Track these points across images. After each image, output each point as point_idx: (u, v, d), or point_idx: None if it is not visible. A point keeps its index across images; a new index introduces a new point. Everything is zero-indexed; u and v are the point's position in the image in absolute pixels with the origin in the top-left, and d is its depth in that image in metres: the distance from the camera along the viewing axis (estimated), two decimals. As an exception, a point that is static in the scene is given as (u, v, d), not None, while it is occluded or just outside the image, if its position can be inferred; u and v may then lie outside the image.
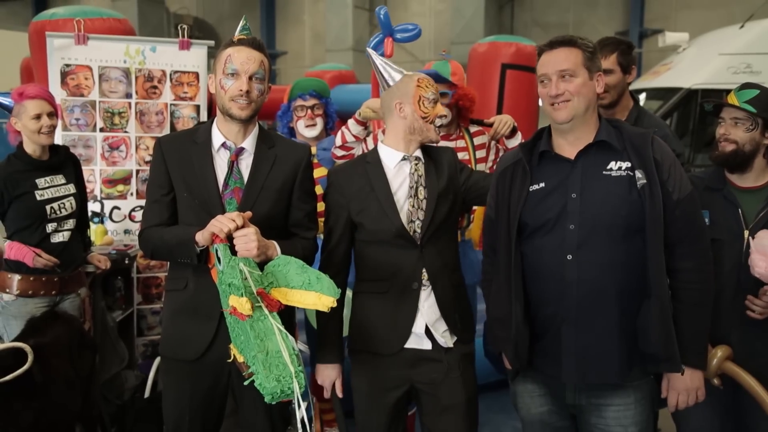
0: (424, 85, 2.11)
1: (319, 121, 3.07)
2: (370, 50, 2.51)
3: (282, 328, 1.71)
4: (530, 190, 1.87)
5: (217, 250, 1.81)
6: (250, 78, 1.95)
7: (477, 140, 2.90)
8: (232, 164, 2.02)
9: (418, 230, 2.04)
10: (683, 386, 1.85)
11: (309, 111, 3.06)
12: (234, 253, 1.81)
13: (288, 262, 1.80)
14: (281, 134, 3.15)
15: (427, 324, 2.05)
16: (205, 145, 2.03)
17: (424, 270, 2.05)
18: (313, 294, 1.72)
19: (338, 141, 2.92)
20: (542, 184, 1.87)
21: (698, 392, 1.87)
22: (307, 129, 3.07)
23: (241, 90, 1.94)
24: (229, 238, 1.82)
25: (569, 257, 1.79)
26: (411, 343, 2.06)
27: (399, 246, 2.04)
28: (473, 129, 2.92)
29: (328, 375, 2.13)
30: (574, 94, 1.80)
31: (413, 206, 2.05)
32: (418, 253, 2.05)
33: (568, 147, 1.87)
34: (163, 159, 2.03)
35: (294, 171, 2.08)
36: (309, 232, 2.12)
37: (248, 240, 1.80)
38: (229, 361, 1.79)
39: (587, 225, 1.79)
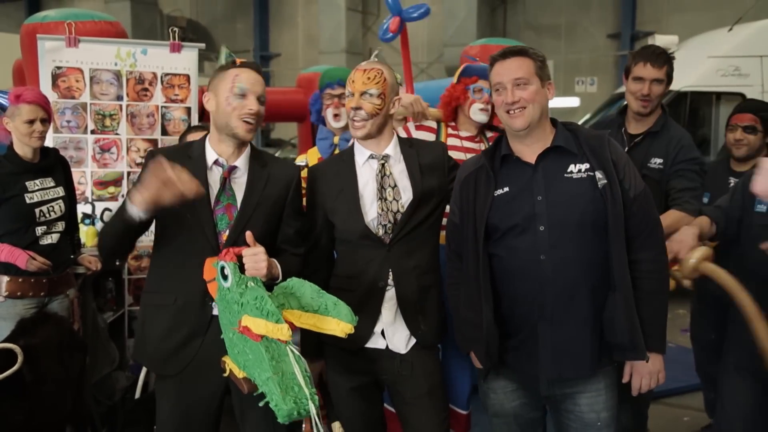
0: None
1: (343, 112, 3.10)
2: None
3: (295, 350, 1.73)
4: (495, 195, 1.93)
5: (224, 267, 1.81)
6: (258, 99, 1.98)
7: None
8: (225, 181, 2.02)
9: (389, 232, 2.06)
10: (646, 370, 1.93)
11: (336, 99, 3.13)
12: (242, 271, 1.81)
13: (302, 285, 1.82)
14: (313, 123, 3.28)
15: (384, 325, 2.09)
16: (199, 160, 2.04)
17: (390, 270, 2.07)
18: (333, 320, 1.76)
19: None
20: (506, 189, 1.93)
21: (659, 375, 1.95)
22: (334, 119, 3.13)
23: (251, 110, 1.96)
24: (239, 257, 1.82)
25: (542, 257, 1.85)
26: (370, 343, 2.11)
27: (366, 246, 2.06)
28: (489, 134, 2.93)
29: (312, 370, 2.13)
30: (529, 101, 1.87)
31: (382, 209, 2.06)
32: (385, 254, 2.07)
33: (527, 150, 1.94)
34: None
35: (286, 189, 2.10)
36: (298, 249, 2.12)
37: (258, 260, 1.81)
38: (225, 375, 1.78)
39: (557, 225, 1.85)
